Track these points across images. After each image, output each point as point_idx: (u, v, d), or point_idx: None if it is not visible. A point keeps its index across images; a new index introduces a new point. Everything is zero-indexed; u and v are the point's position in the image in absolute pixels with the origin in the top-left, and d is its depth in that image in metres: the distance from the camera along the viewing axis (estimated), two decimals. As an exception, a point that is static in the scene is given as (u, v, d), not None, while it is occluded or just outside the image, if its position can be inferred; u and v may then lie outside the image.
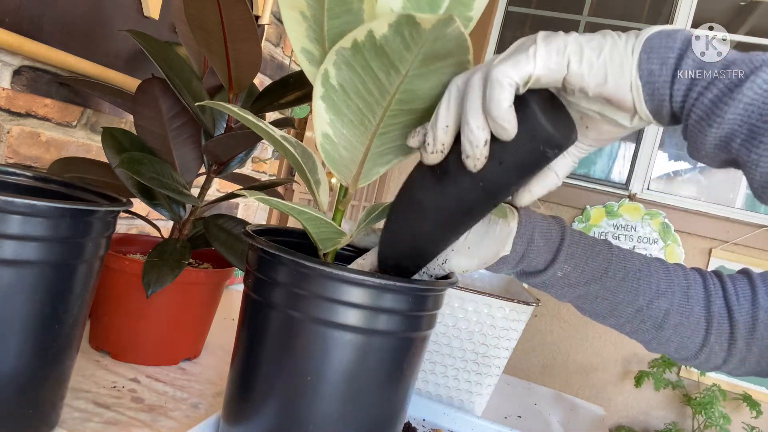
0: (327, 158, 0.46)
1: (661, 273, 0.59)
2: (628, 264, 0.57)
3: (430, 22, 0.35)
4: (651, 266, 0.59)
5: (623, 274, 0.56)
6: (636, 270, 0.56)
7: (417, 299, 0.48)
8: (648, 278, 0.57)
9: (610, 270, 0.55)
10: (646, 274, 0.57)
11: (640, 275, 0.56)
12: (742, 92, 0.35)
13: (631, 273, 0.56)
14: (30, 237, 0.41)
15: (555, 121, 0.38)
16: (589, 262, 0.55)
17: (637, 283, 0.56)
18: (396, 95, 0.41)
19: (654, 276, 0.57)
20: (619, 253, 0.57)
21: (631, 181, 2.32)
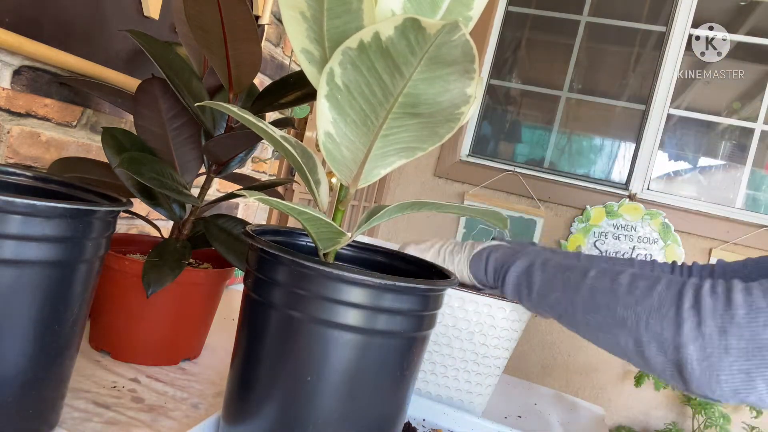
0: (329, 157, 0.46)
1: (626, 265, 0.85)
2: (596, 284, 0.72)
3: (435, 27, 0.35)
4: (617, 262, 0.87)
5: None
6: (607, 274, 0.72)
7: (417, 299, 0.48)
8: (614, 272, 0.72)
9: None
10: (612, 268, 0.73)
11: (613, 281, 0.75)
12: (507, 280, 0.72)
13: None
14: (30, 237, 0.41)
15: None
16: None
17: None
18: (399, 98, 0.41)
19: (618, 266, 0.79)
20: (526, 245, 0.82)
21: (631, 181, 2.32)
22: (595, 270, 0.65)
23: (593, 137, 2.47)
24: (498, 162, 2.45)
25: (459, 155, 2.46)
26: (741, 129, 2.26)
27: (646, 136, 2.30)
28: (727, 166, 2.30)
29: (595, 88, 2.43)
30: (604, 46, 2.47)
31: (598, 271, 0.64)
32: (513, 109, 2.56)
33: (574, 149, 2.48)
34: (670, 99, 2.27)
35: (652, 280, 0.59)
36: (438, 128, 0.44)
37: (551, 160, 2.46)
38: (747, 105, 2.26)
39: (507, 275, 0.71)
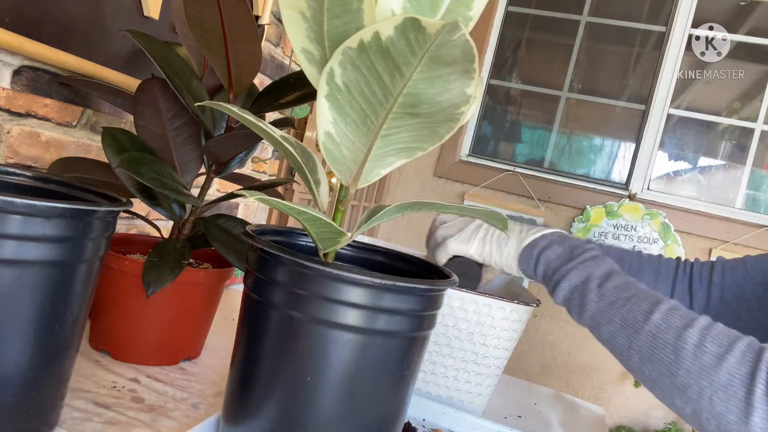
0: (328, 157, 0.46)
1: (634, 258, 0.84)
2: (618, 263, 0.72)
3: (435, 27, 0.35)
4: (625, 254, 0.84)
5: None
6: (612, 257, 0.75)
7: (417, 299, 0.48)
8: (621, 263, 0.76)
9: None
10: (620, 260, 0.76)
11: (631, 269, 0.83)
12: (558, 291, 0.68)
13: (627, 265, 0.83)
14: (30, 237, 0.41)
15: (463, 278, 0.76)
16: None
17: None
18: (399, 98, 0.41)
19: (626, 261, 0.83)
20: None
21: (631, 181, 2.32)
22: (660, 313, 0.56)
23: (593, 137, 2.47)
24: (498, 162, 2.45)
25: (459, 155, 2.46)
26: (741, 129, 2.26)
27: (646, 136, 2.30)
28: (727, 166, 2.30)
29: (595, 88, 2.43)
30: (604, 46, 2.47)
31: (664, 314, 0.56)
32: (513, 109, 2.56)
33: (574, 149, 2.48)
34: (670, 99, 2.27)
35: (724, 346, 0.51)
36: (438, 128, 0.44)
37: (551, 160, 2.46)
38: (747, 105, 2.26)
39: (558, 286, 0.66)
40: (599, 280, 0.63)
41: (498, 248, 0.73)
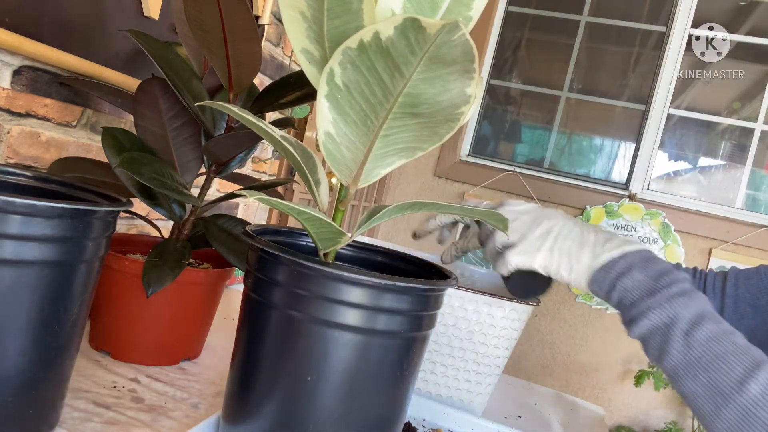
0: (329, 157, 0.46)
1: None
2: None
3: (435, 27, 0.35)
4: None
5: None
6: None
7: (417, 299, 0.48)
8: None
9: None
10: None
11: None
12: (635, 328, 0.58)
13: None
14: (30, 237, 0.41)
15: (525, 292, 0.73)
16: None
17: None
18: (399, 98, 0.41)
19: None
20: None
21: (631, 181, 2.32)
22: (760, 383, 0.49)
23: (593, 137, 2.47)
24: (498, 162, 2.45)
25: (459, 155, 2.46)
26: (741, 129, 2.26)
27: (646, 136, 2.30)
28: (727, 166, 2.30)
29: (595, 88, 2.43)
30: (604, 46, 2.47)
31: (764, 385, 0.49)
32: (513, 109, 2.56)
33: (574, 149, 2.48)
34: (670, 99, 2.27)
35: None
36: (438, 128, 0.44)
37: (551, 160, 2.46)
38: (747, 105, 2.26)
39: (635, 323, 0.57)
40: (687, 325, 0.54)
41: (568, 263, 0.63)
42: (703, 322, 0.54)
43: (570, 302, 2.34)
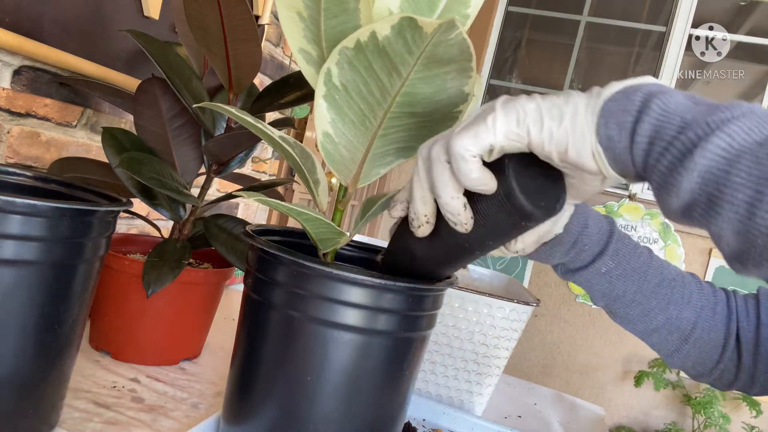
0: (327, 157, 0.46)
1: (693, 286, 0.59)
2: (664, 271, 0.57)
3: (432, 26, 0.35)
4: (685, 278, 0.59)
5: (659, 279, 0.56)
6: (671, 279, 0.57)
7: (417, 299, 0.48)
8: (681, 289, 0.56)
9: (649, 273, 0.56)
10: (680, 284, 0.57)
11: (674, 284, 0.57)
12: (694, 159, 0.32)
13: (666, 280, 0.56)
14: (30, 237, 0.41)
15: (535, 193, 0.38)
16: (631, 261, 0.55)
17: (671, 291, 0.56)
18: (397, 97, 0.41)
19: (687, 288, 0.57)
20: (657, 259, 0.57)
21: (631, 181, 2.32)
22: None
23: (593, 137, 2.47)
24: (498, 162, 2.45)
25: (459, 155, 2.46)
26: (741, 129, 2.26)
27: (646, 136, 2.30)
28: (728, 166, 2.30)
29: (595, 88, 2.43)
30: (604, 46, 2.47)
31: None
32: (513, 109, 2.56)
33: (574, 149, 2.47)
34: (670, 99, 2.27)
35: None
36: (436, 127, 0.44)
37: (551, 160, 2.46)
38: (747, 105, 2.26)
39: (698, 151, 0.32)
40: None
41: (551, 111, 0.37)
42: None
43: (570, 302, 2.34)
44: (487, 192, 0.37)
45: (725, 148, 0.31)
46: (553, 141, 0.36)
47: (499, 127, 0.36)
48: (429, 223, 0.41)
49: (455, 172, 0.37)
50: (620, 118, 0.35)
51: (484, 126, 0.36)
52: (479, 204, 0.38)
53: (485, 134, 0.36)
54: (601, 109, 0.36)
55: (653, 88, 0.36)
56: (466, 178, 0.36)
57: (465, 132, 0.36)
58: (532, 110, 0.36)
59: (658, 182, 0.34)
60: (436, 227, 0.41)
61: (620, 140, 0.35)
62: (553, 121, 0.36)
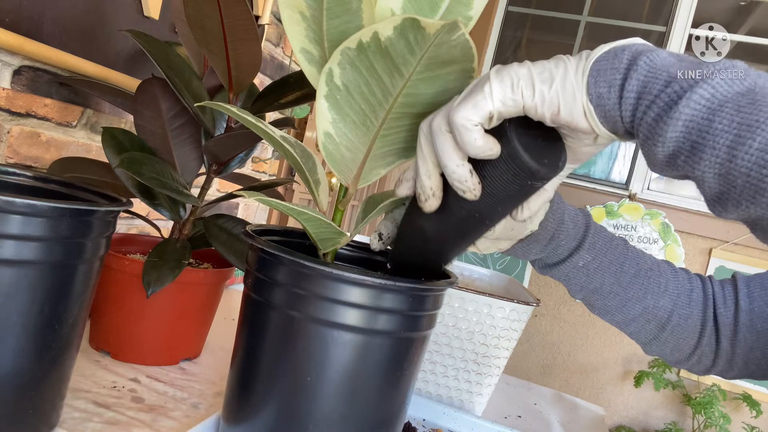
0: (328, 157, 0.46)
1: (668, 274, 0.61)
2: (640, 261, 0.58)
3: (435, 27, 0.35)
4: (660, 267, 0.61)
5: (636, 269, 0.58)
6: (647, 268, 0.58)
7: (417, 299, 0.48)
8: (657, 278, 0.58)
9: (625, 264, 0.57)
10: (656, 273, 0.58)
11: (650, 274, 0.58)
12: (678, 110, 0.34)
13: (643, 270, 0.58)
14: (30, 237, 0.41)
15: (538, 152, 0.39)
16: (608, 253, 0.57)
17: (647, 280, 0.58)
18: (399, 98, 0.41)
19: (663, 276, 0.59)
20: (633, 249, 0.59)
21: (631, 181, 2.32)
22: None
23: (593, 137, 2.47)
24: (498, 162, 2.45)
25: (459, 155, 2.46)
26: (741, 129, 2.26)
27: (646, 136, 2.30)
28: (727, 166, 2.30)
29: (595, 88, 2.43)
30: (604, 46, 2.47)
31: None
32: (513, 109, 2.56)
33: (574, 149, 2.47)
34: (670, 99, 2.27)
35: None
36: (438, 128, 0.44)
37: (551, 160, 2.46)
38: (747, 105, 2.26)
39: (683, 102, 0.34)
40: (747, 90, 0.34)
41: (541, 74, 0.38)
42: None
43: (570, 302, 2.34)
44: (492, 157, 0.38)
45: (708, 98, 0.33)
46: (545, 102, 0.38)
47: (495, 94, 0.37)
48: (435, 196, 0.42)
49: (460, 143, 0.38)
50: (609, 76, 0.37)
51: (481, 95, 0.37)
52: (485, 170, 0.39)
53: (483, 102, 0.37)
54: (590, 69, 0.37)
55: (640, 47, 0.37)
56: (471, 147, 0.37)
57: (464, 103, 0.38)
58: (524, 75, 0.38)
59: (645, 134, 0.36)
60: (444, 202, 0.42)
61: (610, 97, 0.37)
62: (545, 84, 0.38)
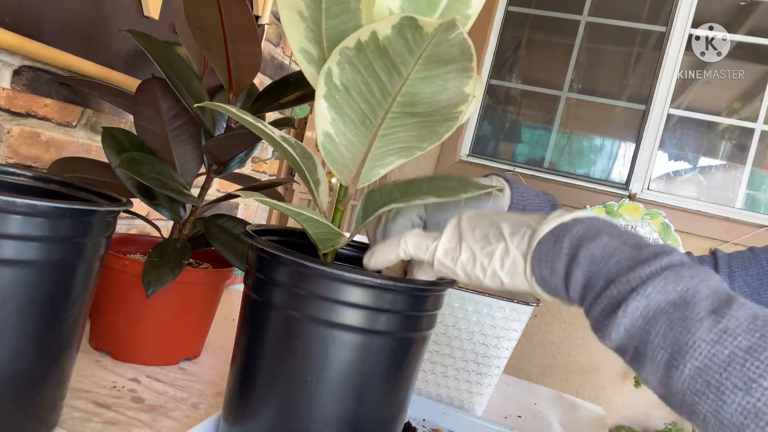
0: (328, 157, 0.46)
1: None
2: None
3: (432, 26, 0.35)
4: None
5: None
6: None
7: (417, 299, 0.48)
8: None
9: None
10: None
11: None
12: (617, 317, 0.36)
13: None
14: (30, 237, 0.41)
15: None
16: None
17: None
18: (398, 97, 0.41)
19: None
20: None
21: (631, 181, 2.32)
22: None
23: (593, 137, 2.47)
24: (498, 162, 2.45)
25: (459, 155, 2.46)
26: (741, 129, 2.26)
27: (646, 136, 2.30)
28: (727, 166, 2.30)
29: (595, 88, 2.43)
30: (604, 46, 2.46)
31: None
32: (513, 109, 2.56)
33: (574, 149, 2.47)
34: (670, 99, 2.27)
35: None
36: (437, 127, 0.44)
37: (551, 160, 2.46)
38: (747, 105, 2.26)
39: (621, 309, 0.36)
40: (713, 302, 0.34)
41: (495, 257, 0.42)
42: (735, 300, 0.34)
43: (570, 302, 2.34)
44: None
45: (643, 308, 0.35)
46: (486, 277, 0.43)
47: (437, 259, 0.46)
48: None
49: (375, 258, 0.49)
50: (552, 261, 0.40)
51: (412, 248, 0.47)
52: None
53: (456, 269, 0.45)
54: (534, 250, 0.41)
55: (580, 230, 0.40)
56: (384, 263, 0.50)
57: (408, 246, 0.47)
58: (464, 250, 0.44)
59: (594, 324, 0.39)
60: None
61: (553, 279, 0.40)
62: (486, 257, 0.43)
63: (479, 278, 0.43)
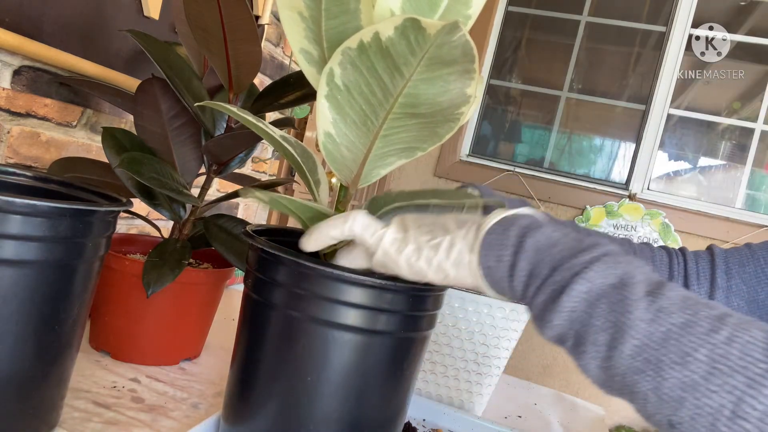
0: (329, 157, 0.46)
1: (626, 247, 0.61)
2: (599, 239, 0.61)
3: (435, 28, 0.35)
4: (623, 243, 0.61)
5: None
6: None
7: (417, 299, 0.48)
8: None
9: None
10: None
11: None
12: (561, 302, 0.37)
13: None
14: (30, 237, 0.41)
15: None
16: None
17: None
18: (399, 98, 0.41)
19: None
20: (586, 230, 0.60)
21: (631, 181, 2.32)
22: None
23: (593, 137, 2.47)
24: (498, 162, 2.45)
25: (459, 155, 2.46)
26: (741, 129, 2.26)
27: (646, 136, 2.30)
28: (727, 166, 2.30)
29: (595, 88, 2.43)
30: (604, 46, 2.46)
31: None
32: (513, 109, 2.56)
33: (574, 149, 2.47)
34: (670, 99, 2.27)
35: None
36: (438, 128, 0.44)
37: (551, 160, 2.46)
38: (747, 105, 2.26)
39: (565, 293, 0.37)
40: (648, 286, 0.36)
41: (443, 251, 0.42)
42: (666, 283, 0.36)
43: (570, 302, 2.34)
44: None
45: (586, 292, 0.36)
46: (431, 269, 0.43)
47: (380, 248, 0.44)
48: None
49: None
50: (498, 251, 0.40)
51: (369, 240, 0.44)
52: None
53: (369, 243, 0.44)
54: (482, 241, 0.41)
55: (526, 222, 0.41)
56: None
57: (362, 234, 0.45)
58: (411, 242, 0.43)
59: (536, 314, 0.40)
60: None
61: (498, 270, 0.40)
62: (431, 250, 0.42)
63: (423, 271, 0.43)
